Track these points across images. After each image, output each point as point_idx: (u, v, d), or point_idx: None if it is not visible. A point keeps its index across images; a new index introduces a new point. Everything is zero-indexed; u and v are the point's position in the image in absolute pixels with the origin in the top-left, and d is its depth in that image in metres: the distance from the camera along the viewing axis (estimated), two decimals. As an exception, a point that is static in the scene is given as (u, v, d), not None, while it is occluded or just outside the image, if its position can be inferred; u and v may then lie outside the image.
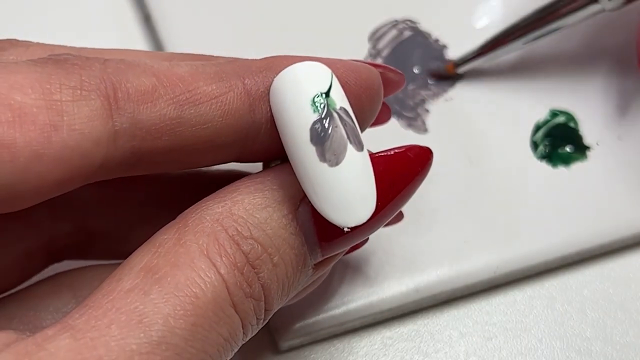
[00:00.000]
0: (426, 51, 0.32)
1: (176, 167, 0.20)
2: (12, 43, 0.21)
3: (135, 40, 0.32)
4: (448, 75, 0.31)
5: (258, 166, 0.23)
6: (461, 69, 0.31)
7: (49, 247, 0.23)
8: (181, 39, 0.31)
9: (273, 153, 0.21)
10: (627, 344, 0.28)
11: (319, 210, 0.19)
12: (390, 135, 0.30)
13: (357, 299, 0.27)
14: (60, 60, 0.18)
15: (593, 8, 0.28)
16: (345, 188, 0.19)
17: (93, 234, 0.23)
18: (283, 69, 0.20)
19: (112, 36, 0.32)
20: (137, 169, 0.19)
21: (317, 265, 0.21)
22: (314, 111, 0.19)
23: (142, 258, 0.18)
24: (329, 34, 0.32)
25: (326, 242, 0.20)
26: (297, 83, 0.19)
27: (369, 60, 0.23)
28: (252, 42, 0.31)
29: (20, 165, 0.16)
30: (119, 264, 0.23)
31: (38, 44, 0.21)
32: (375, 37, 0.32)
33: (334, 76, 0.20)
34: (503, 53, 0.30)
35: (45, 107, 0.17)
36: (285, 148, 0.20)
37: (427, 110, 0.31)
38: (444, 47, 0.32)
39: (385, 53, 0.31)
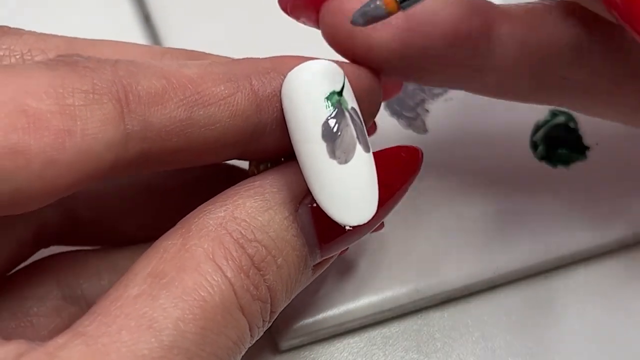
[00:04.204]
0: (426, 51, 0.32)
1: (181, 166, 0.20)
2: (4, 31, 0.21)
3: (135, 40, 0.32)
4: (389, 12, 0.20)
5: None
6: (407, 6, 0.21)
7: (38, 234, 0.23)
8: (181, 39, 0.31)
9: (275, 152, 0.21)
10: (627, 344, 0.28)
11: (322, 207, 0.19)
12: (390, 135, 0.30)
13: (357, 299, 0.27)
14: (71, 62, 0.18)
15: None
16: (352, 187, 0.19)
17: (81, 222, 0.24)
18: (290, 69, 0.20)
19: (112, 36, 0.32)
20: (144, 169, 0.19)
21: (316, 267, 0.21)
22: (327, 108, 0.19)
23: (148, 264, 0.18)
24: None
25: (325, 243, 0.20)
26: (312, 79, 0.20)
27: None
28: (251, 43, 0.31)
29: (35, 170, 0.16)
30: (102, 249, 0.23)
31: (30, 32, 0.21)
32: (375, 37, 0.32)
33: (346, 77, 0.20)
34: None
35: (59, 112, 0.17)
36: (294, 143, 0.20)
37: (427, 110, 0.31)
38: (444, 47, 0.32)
39: (385, 53, 0.31)
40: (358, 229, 0.20)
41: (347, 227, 0.20)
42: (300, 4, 0.23)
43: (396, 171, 0.21)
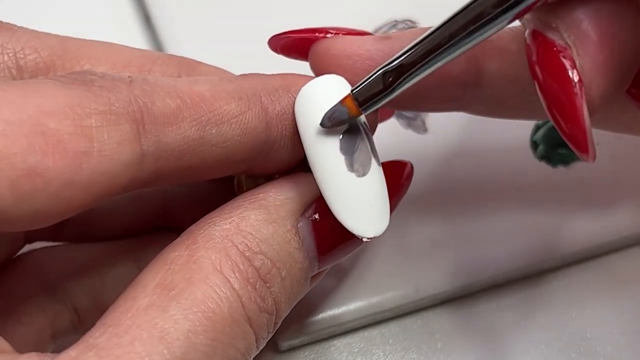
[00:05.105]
0: (426, 51, 0.32)
1: (189, 181, 0.20)
2: None
3: (135, 40, 0.32)
4: (352, 116, 0.20)
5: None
6: (368, 109, 0.20)
7: (30, 232, 0.23)
8: (181, 39, 0.31)
9: (279, 169, 0.21)
10: (627, 344, 0.28)
11: (340, 219, 0.20)
12: (390, 136, 0.30)
13: (357, 299, 0.27)
14: (87, 81, 0.18)
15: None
16: (368, 199, 0.20)
17: (71, 220, 0.24)
18: (298, 87, 0.20)
19: (112, 37, 0.32)
20: (155, 185, 0.19)
21: (312, 278, 0.21)
22: None
23: (155, 275, 0.18)
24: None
25: (324, 255, 0.21)
26: (327, 93, 0.20)
27: None
28: (251, 44, 0.31)
29: (52, 192, 0.16)
30: (78, 244, 0.24)
31: (23, 29, 0.21)
32: (375, 37, 0.32)
33: None
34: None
35: (76, 133, 0.17)
36: (311, 158, 0.20)
37: (427, 111, 0.31)
38: (444, 47, 0.32)
39: (385, 53, 0.31)
40: (358, 241, 0.20)
41: (365, 239, 0.20)
42: (289, 46, 0.23)
43: (391, 184, 0.21)
